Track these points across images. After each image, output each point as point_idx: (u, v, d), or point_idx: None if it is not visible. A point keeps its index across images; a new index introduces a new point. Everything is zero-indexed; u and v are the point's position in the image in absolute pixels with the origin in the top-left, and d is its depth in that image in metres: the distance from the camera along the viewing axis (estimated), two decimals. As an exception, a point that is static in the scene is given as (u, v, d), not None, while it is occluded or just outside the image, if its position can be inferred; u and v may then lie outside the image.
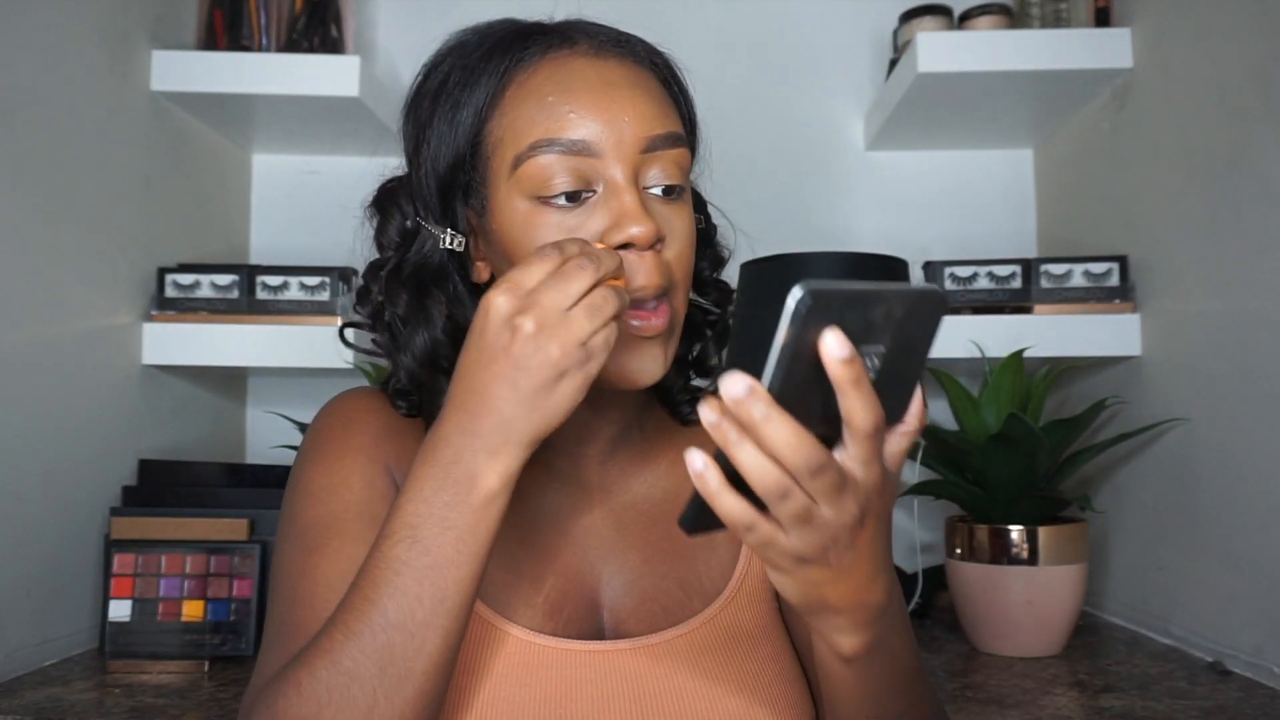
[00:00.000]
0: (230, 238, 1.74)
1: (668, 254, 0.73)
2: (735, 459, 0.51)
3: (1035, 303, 1.48)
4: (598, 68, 0.73)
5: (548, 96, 0.72)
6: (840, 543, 0.53)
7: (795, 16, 1.83)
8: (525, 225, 0.71)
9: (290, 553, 0.73)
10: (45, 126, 1.24)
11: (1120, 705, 1.07)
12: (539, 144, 0.70)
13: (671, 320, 0.73)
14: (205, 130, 1.64)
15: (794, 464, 0.50)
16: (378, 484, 0.75)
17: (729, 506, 0.52)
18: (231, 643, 1.22)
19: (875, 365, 0.52)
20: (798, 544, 0.53)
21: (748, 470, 0.51)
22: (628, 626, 0.77)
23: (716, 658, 0.76)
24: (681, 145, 0.74)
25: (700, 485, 0.52)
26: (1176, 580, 1.34)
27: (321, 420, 0.80)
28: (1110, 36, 1.47)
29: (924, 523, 1.67)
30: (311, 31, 1.58)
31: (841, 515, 0.52)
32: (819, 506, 0.52)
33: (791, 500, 0.51)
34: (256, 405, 1.79)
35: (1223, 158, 1.23)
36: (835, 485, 0.51)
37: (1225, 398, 1.24)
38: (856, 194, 1.82)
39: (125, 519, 1.27)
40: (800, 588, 0.56)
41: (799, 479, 0.51)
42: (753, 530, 0.53)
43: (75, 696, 1.10)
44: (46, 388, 1.24)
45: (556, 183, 0.70)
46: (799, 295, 0.48)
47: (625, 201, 0.70)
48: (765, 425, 0.49)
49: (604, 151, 0.71)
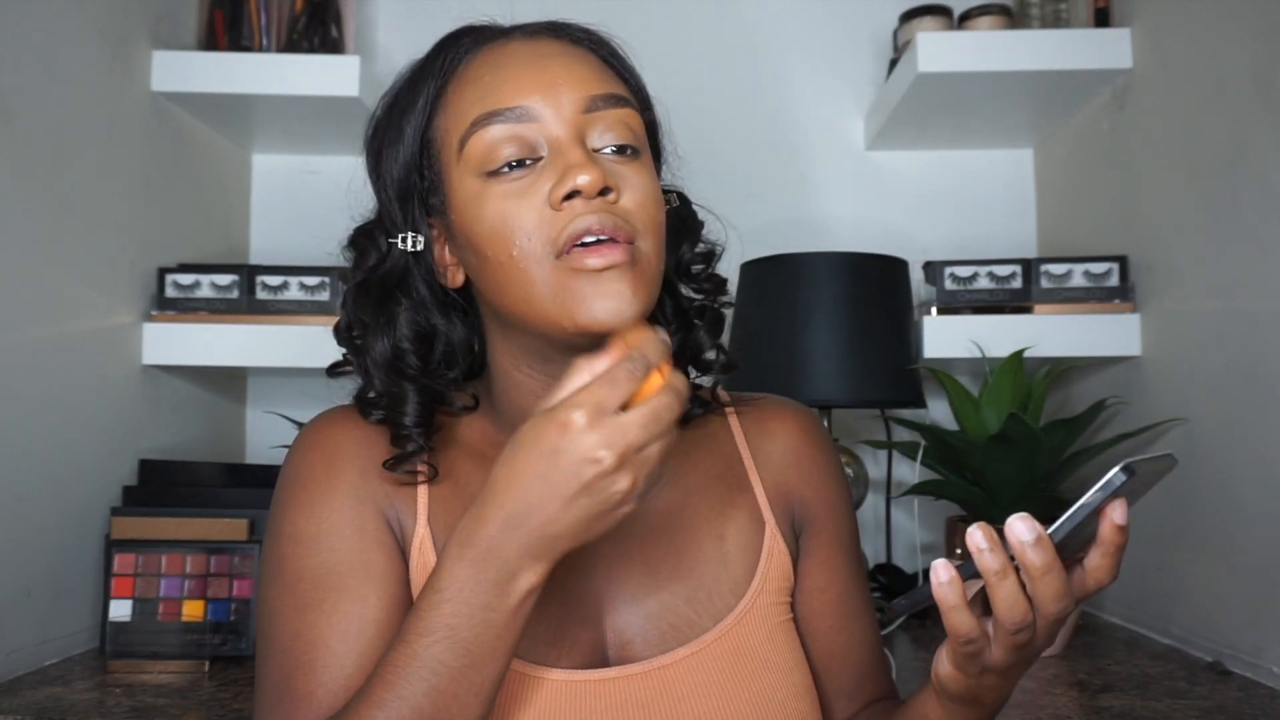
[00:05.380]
0: (230, 238, 1.74)
1: (624, 202, 0.70)
2: (994, 590, 0.58)
3: (1035, 303, 1.48)
4: (531, 46, 0.74)
5: (484, 77, 0.72)
6: (1029, 662, 0.62)
7: (796, 16, 1.83)
8: (477, 201, 0.71)
9: (281, 606, 0.70)
10: (45, 126, 1.24)
11: (1120, 705, 1.07)
12: (479, 119, 0.70)
13: (635, 258, 0.69)
14: (205, 130, 1.64)
15: (1051, 614, 0.58)
16: (369, 528, 0.72)
17: (962, 622, 0.60)
18: (231, 643, 1.22)
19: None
20: (1000, 660, 0.61)
21: (1001, 603, 0.58)
22: (634, 649, 0.74)
23: (726, 678, 0.73)
24: (627, 106, 0.73)
25: (939, 594, 0.60)
26: (1176, 580, 1.34)
27: (303, 454, 0.76)
28: (1110, 36, 1.47)
29: (924, 523, 1.67)
30: (311, 31, 1.58)
31: (1045, 645, 0.61)
32: (1036, 640, 0.60)
33: (1024, 634, 0.59)
34: (256, 405, 1.79)
35: (1223, 158, 1.23)
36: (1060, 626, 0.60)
37: (1225, 398, 1.24)
38: (856, 194, 1.82)
39: (125, 519, 1.27)
40: (973, 689, 0.65)
41: (1044, 620, 0.59)
42: (972, 644, 0.61)
43: (75, 696, 1.10)
44: (47, 388, 1.24)
45: (501, 154, 0.70)
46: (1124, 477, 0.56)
47: (570, 155, 0.69)
48: (1044, 576, 0.57)
49: (543, 115, 0.70)
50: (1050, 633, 0.60)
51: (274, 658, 0.70)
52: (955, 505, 1.41)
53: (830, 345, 1.44)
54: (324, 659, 0.68)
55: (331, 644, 0.68)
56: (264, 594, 0.73)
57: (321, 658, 0.68)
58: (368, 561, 0.71)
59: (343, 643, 0.68)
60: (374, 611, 0.69)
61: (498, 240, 0.70)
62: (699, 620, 0.75)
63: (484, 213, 0.70)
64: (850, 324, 1.45)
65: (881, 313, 1.48)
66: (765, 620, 0.77)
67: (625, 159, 0.72)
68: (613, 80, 0.75)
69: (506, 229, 0.69)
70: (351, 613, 0.69)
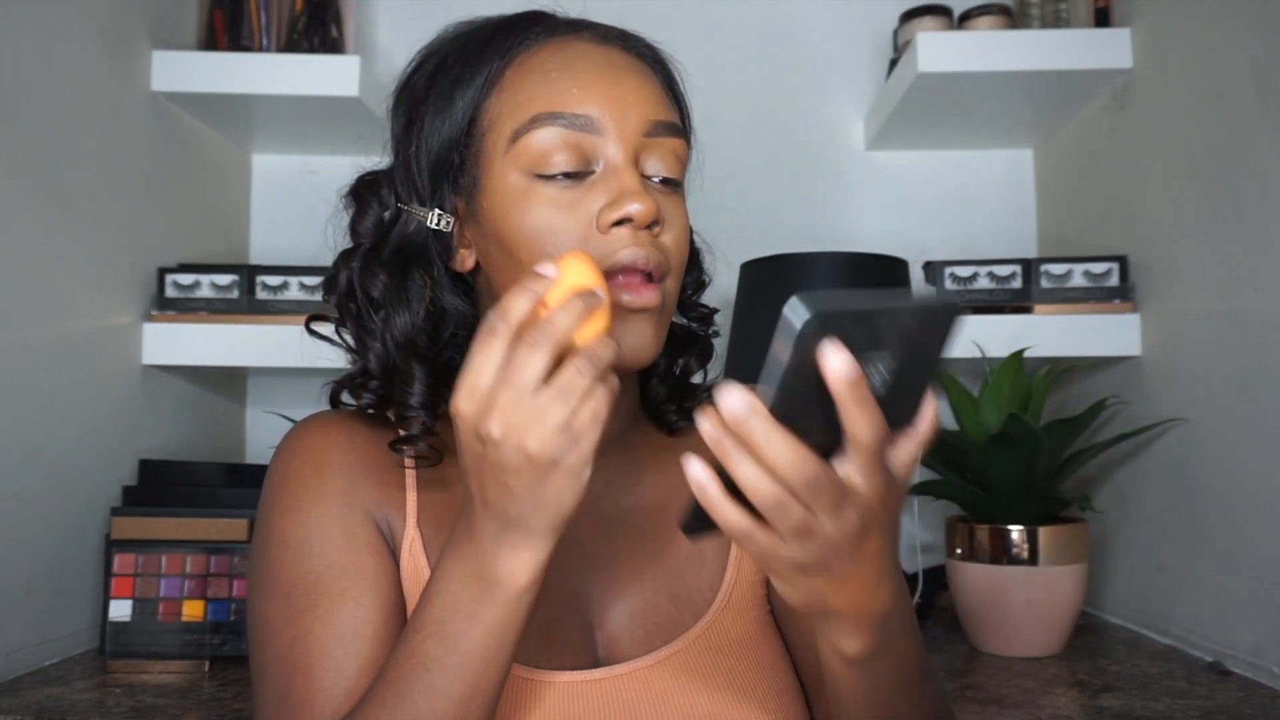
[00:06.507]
0: (230, 238, 1.74)
1: (665, 238, 0.71)
2: (734, 474, 0.50)
3: (1035, 303, 1.48)
4: (603, 51, 0.73)
5: (551, 72, 0.70)
6: (842, 553, 0.53)
7: (795, 16, 1.83)
8: (519, 200, 0.69)
9: (274, 614, 0.70)
10: (45, 127, 1.24)
11: (1120, 705, 1.07)
12: (540, 117, 0.69)
13: (664, 301, 0.70)
14: (205, 130, 1.64)
15: (792, 480, 0.50)
16: (358, 532, 0.72)
17: (728, 517, 0.52)
18: (231, 643, 1.22)
19: (883, 377, 0.51)
20: (798, 554, 0.53)
21: (746, 485, 0.51)
22: (621, 647, 0.75)
23: (711, 672, 0.74)
24: (681, 137, 0.73)
25: (700, 495, 0.52)
26: (1176, 580, 1.34)
27: (288, 460, 0.74)
28: (1110, 36, 1.47)
29: (924, 523, 1.67)
30: (311, 31, 1.58)
31: (842, 527, 0.52)
32: (818, 519, 0.52)
33: (790, 514, 0.51)
34: (256, 405, 1.79)
35: (1223, 158, 1.23)
36: (835, 499, 0.51)
37: (1225, 398, 1.24)
38: (856, 194, 1.82)
39: (125, 519, 1.27)
40: (803, 595, 0.56)
41: (797, 494, 0.50)
42: (752, 540, 0.53)
43: (75, 696, 1.10)
44: (47, 388, 1.24)
45: (556, 160, 0.69)
46: (805, 317, 0.47)
47: (625, 179, 0.69)
48: (766, 445, 0.49)
49: (606, 129, 0.69)
50: (831, 512, 0.51)
51: (271, 666, 0.69)
52: (955, 505, 1.41)
53: (830, 345, 1.44)
54: (322, 663, 0.67)
55: (329, 648, 0.68)
56: (256, 603, 0.72)
57: (320, 662, 0.67)
58: (360, 565, 0.70)
59: (340, 646, 0.67)
60: (369, 614, 0.69)
61: (533, 245, 0.69)
62: (681, 618, 0.76)
63: (526, 214, 0.69)
64: (850, 324, 1.45)
65: (881, 313, 1.48)
66: (742, 615, 0.77)
67: (670, 191, 0.72)
68: (671, 107, 0.74)
69: (546, 237, 0.68)
70: (347, 616, 0.68)
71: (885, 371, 0.51)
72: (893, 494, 0.55)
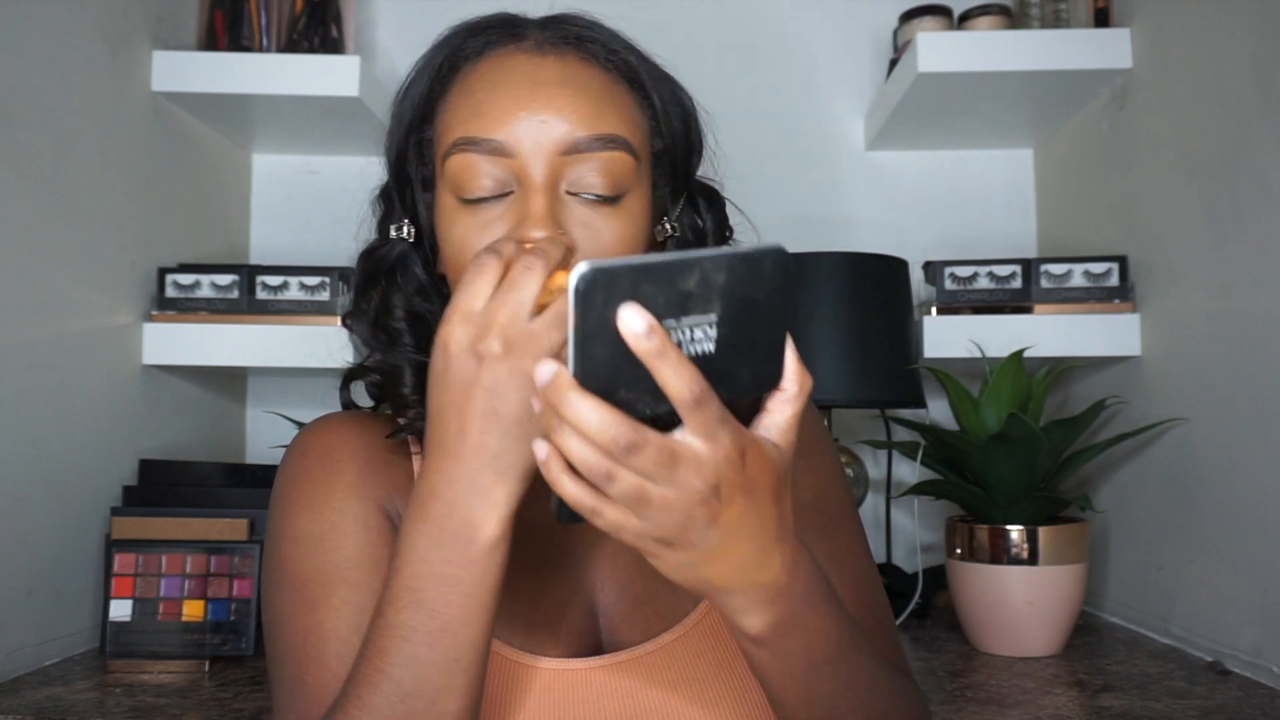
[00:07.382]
0: (230, 238, 1.74)
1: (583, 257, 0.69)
2: (558, 445, 0.50)
3: (1035, 303, 1.48)
4: (534, 64, 0.71)
5: (477, 94, 0.71)
6: (696, 520, 0.51)
7: (795, 17, 1.83)
8: (448, 220, 0.71)
9: (288, 608, 0.70)
10: (45, 126, 1.24)
11: (1120, 705, 1.07)
12: (459, 142, 0.70)
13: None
14: (205, 130, 1.64)
15: (605, 444, 0.49)
16: (373, 523, 0.72)
17: (569, 492, 0.51)
18: (232, 643, 1.22)
19: (710, 335, 0.49)
20: (648, 525, 0.51)
21: (570, 455, 0.50)
22: (622, 634, 0.75)
23: (708, 661, 0.74)
24: (617, 149, 0.70)
25: (544, 473, 0.51)
26: (1176, 580, 1.34)
27: (298, 458, 0.75)
28: (1110, 36, 1.47)
29: (924, 523, 1.67)
30: (311, 31, 1.58)
31: (683, 492, 0.50)
32: (651, 485, 0.50)
33: (619, 481, 0.50)
34: (256, 405, 1.79)
35: (1223, 158, 1.23)
36: (662, 462, 0.50)
37: (1225, 398, 1.24)
38: (856, 194, 1.82)
39: (126, 519, 1.27)
40: (674, 570, 0.55)
41: (620, 460, 0.49)
42: (599, 515, 0.52)
43: (76, 696, 1.10)
44: (47, 388, 1.24)
45: (475, 184, 0.69)
46: (580, 272, 0.46)
47: (532, 204, 0.68)
48: (569, 410, 0.49)
49: (520, 152, 0.69)
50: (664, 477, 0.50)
51: (285, 657, 0.69)
52: (955, 505, 1.41)
53: (830, 345, 1.45)
54: (336, 651, 0.67)
55: (344, 635, 0.68)
56: (270, 600, 0.72)
57: (334, 650, 0.67)
58: (375, 556, 0.71)
59: (356, 634, 0.67)
60: None
61: (455, 264, 0.71)
62: (683, 604, 0.76)
63: (451, 234, 0.71)
64: (850, 324, 1.46)
65: (881, 313, 1.48)
66: None
67: (603, 205, 0.70)
68: (609, 115, 0.71)
69: (463, 258, 0.70)
70: (364, 604, 0.68)
71: (712, 331, 0.49)
72: (759, 459, 0.53)
